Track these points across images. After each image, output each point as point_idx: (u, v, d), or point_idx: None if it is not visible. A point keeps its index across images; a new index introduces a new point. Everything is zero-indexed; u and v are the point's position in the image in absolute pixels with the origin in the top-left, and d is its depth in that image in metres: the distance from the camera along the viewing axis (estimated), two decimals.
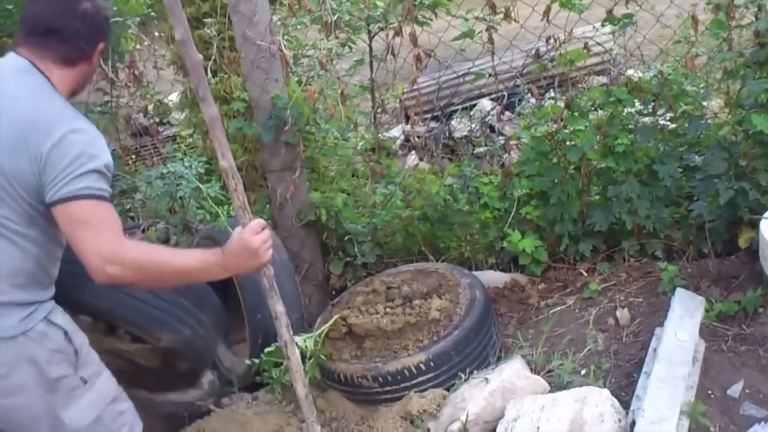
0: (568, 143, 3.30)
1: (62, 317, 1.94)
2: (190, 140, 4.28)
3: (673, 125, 3.35)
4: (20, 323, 1.82)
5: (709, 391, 2.44)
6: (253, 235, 1.88)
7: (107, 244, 1.73)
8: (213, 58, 3.41)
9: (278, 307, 2.04)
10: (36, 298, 1.86)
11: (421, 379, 2.70)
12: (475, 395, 2.55)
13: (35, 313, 1.85)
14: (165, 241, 4.28)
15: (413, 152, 5.37)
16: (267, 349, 2.76)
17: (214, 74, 3.50)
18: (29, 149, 1.74)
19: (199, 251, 2.04)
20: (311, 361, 2.77)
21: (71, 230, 1.75)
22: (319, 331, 2.86)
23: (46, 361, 1.85)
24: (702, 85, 3.71)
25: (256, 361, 2.77)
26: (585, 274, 3.30)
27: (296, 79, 3.67)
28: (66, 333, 1.92)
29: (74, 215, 1.74)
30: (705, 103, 3.42)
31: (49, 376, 1.87)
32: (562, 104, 3.38)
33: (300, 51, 4.03)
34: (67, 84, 1.94)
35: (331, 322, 2.91)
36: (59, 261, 1.94)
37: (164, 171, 3.47)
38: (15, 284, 1.81)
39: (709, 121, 3.33)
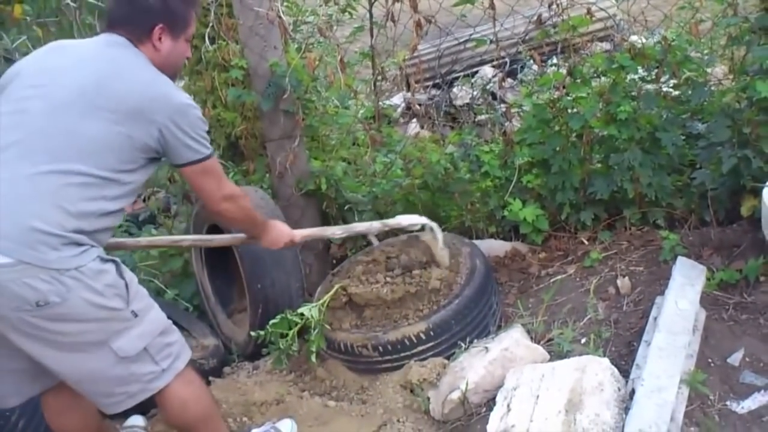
0: (570, 111, 3.26)
1: (111, 256, 2.07)
2: None
3: (677, 92, 3.31)
4: (74, 258, 1.92)
5: (710, 360, 2.44)
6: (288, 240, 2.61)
7: (226, 187, 2.23)
8: (211, 24, 3.37)
9: None
10: (89, 241, 1.98)
11: (421, 348, 2.72)
12: (474, 364, 2.56)
13: (89, 251, 1.97)
14: (165, 210, 4.29)
15: (414, 120, 5.33)
16: (272, 321, 2.76)
17: (212, 41, 3.46)
18: (147, 116, 2.01)
19: (261, 215, 2.60)
20: (316, 331, 2.78)
21: (200, 181, 2.16)
22: (321, 301, 2.86)
23: (99, 294, 1.96)
24: (706, 52, 3.66)
25: (262, 333, 2.77)
26: (586, 242, 3.29)
27: (296, 46, 3.63)
28: (118, 267, 2.04)
29: (203, 170, 2.14)
30: (709, 70, 3.37)
31: (102, 308, 1.97)
32: (564, 71, 3.34)
33: (299, 17, 3.97)
34: (150, 60, 2.15)
35: (332, 292, 2.90)
36: (120, 219, 2.17)
37: None
38: (78, 227, 1.94)
39: (713, 87, 3.29)
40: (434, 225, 2.94)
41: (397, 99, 5.74)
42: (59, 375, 2.08)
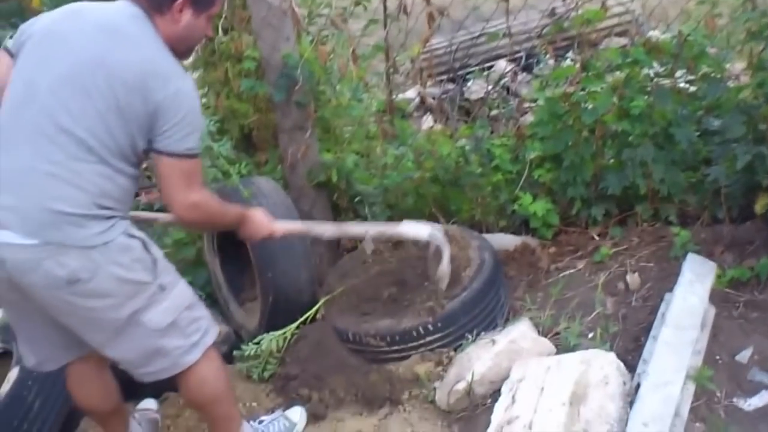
0: (583, 105, 3.24)
1: (138, 231, 2.11)
2: (204, 100, 4.26)
3: (692, 88, 3.28)
4: (101, 235, 1.96)
5: (718, 357, 2.43)
6: (267, 233, 2.45)
7: (195, 194, 2.08)
8: (224, 15, 3.39)
9: None
10: (115, 214, 2.02)
11: (428, 339, 2.71)
12: (481, 355, 2.57)
13: (115, 227, 2.00)
14: None
15: (428, 114, 5.33)
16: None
17: (226, 32, 3.47)
18: (145, 93, 1.96)
19: (237, 209, 2.40)
20: (276, 361, 2.89)
21: (171, 177, 2.04)
22: (284, 330, 2.90)
23: (126, 269, 2.00)
24: (724, 47, 3.62)
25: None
26: (597, 238, 3.27)
27: (309, 38, 3.63)
28: (144, 243, 2.07)
29: (180, 169, 2.04)
30: (727, 65, 3.34)
31: (130, 282, 2.01)
32: (578, 65, 3.32)
33: (314, 9, 3.97)
34: (164, 35, 2.09)
35: (319, 304, 2.96)
36: (137, 185, 2.17)
37: None
38: (99, 204, 1.97)
39: (729, 83, 3.26)
40: (443, 242, 2.65)
41: (412, 93, 5.74)
42: (95, 347, 2.14)
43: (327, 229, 2.69)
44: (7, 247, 1.90)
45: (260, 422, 2.58)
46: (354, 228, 2.72)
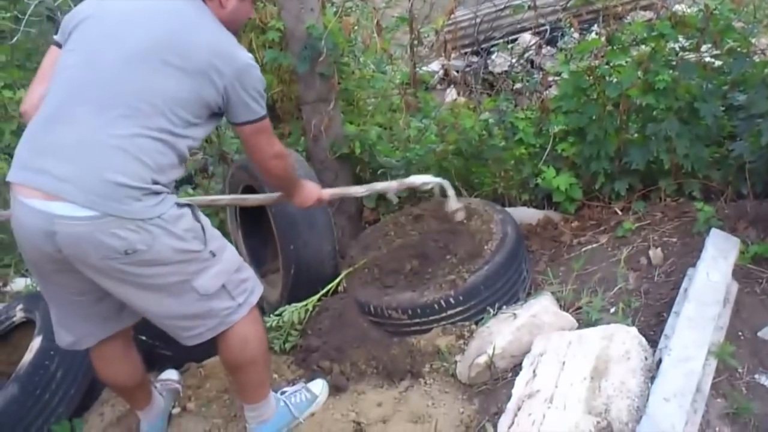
0: (607, 79, 3.22)
1: (185, 201, 2.17)
2: None
3: (718, 62, 3.24)
4: (156, 207, 2.00)
5: (740, 333, 2.43)
6: (316, 199, 2.66)
7: (276, 146, 2.32)
8: None
9: None
10: (164, 190, 2.06)
11: (450, 312, 2.73)
12: (502, 329, 2.58)
13: (166, 200, 2.05)
14: (202, 170, 4.35)
15: (452, 87, 5.30)
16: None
17: None
18: (212, 73, 2.05)
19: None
20: (297, 333, 2.93)
21: (255, 139, 2.24)
22: (306, 302, 2.95)
23: (180, 239, 2.05)
24: (750, 21, 3.56)
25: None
26: (620, 212, 3.27)
27: (334, 9, 3.62)
28: (193, 210, 2.14)
29: (259, 130, 2.22)
30: (753, 40, 3.29)
31: (183, 251, 2.07)
32: (603, 38, 3.29)
33: None
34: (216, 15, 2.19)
35: (341, 276, 2.98)
36: (184, 168, 2.23)
37: None
38: (154, 179, 2.01)
39: (755, 58, 3.22)
40: (445, 183, 2.95)
41: (435, 65, 5.71)
42: (143, 313, 2.18)
43: (358, 189, 2.91)
44: (61, 219, 1.92)
45: (282, 393, 2.62)
46: (379, 185, 2.93)
